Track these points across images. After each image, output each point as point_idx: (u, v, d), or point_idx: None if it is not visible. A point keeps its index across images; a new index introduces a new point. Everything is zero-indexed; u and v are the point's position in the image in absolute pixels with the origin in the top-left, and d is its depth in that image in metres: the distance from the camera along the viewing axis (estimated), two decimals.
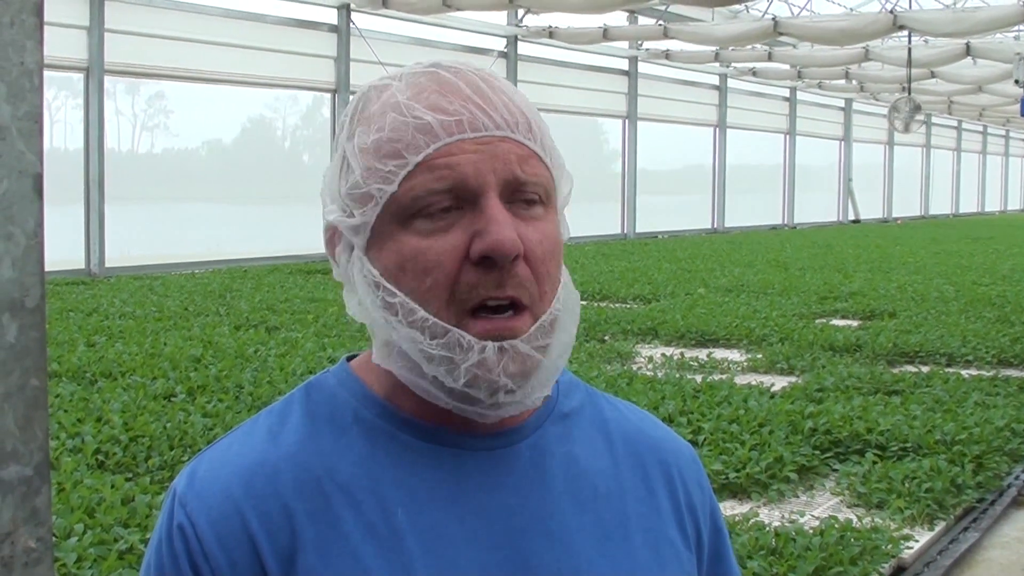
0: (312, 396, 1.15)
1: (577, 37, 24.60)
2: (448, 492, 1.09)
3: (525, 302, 1.05)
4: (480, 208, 1.03)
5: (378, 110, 1.07)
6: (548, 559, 1.09)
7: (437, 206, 1.04)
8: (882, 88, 33.80)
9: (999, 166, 58.50)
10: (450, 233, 1.03)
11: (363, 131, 1.07)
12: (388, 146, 1.05)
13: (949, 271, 17.90)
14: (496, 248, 1.02)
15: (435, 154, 1.03)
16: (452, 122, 1.04)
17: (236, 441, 1.12)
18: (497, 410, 1.07)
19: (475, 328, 1.03)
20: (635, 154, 29.59)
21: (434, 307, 1.04)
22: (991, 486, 6.05)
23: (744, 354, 10.22)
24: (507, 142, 1.05)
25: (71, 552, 4.26)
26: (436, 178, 1.03)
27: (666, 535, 1.17)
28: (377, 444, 1.10)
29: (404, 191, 1.04)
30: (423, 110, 1.05)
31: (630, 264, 19.13)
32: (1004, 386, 8.29)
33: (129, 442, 6.10)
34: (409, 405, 1.11)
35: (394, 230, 1.05)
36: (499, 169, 1.04)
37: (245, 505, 1.05)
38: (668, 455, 1.23)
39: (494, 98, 1.06)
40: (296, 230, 20.20)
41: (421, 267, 1.04)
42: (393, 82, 1.10)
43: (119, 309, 11.96)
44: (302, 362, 8.46)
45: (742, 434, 6.51)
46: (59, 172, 17.11)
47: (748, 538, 4.78)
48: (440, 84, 1.07)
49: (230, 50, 19.11)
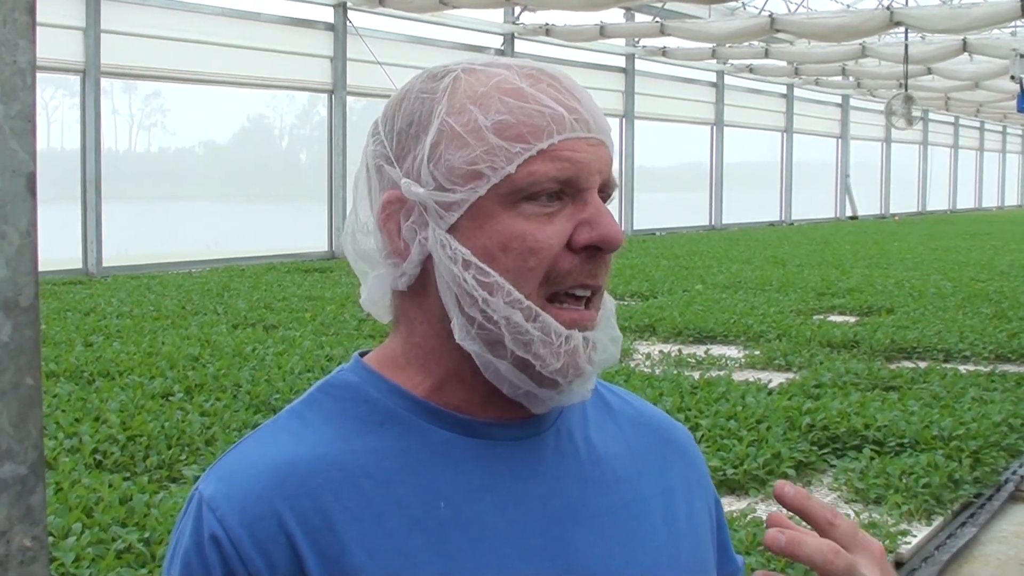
0: (334, 395, 1.14)
1: (574, 35, 24.59)
2: (486, 482, 1.10)
3: (600, 293, 1.12)
4: (585, 201, 1.09)
5: (491, 92, 1.08)
6: (583, 544, 1.11)
7: (547, 192, 1.07)
8: (879, 84, 33.79)
9: (996, 162, 58.50)
10: (556, 221, 1.07)
11: (477, 110, 1.08)
12: (515, 128, 1.07)
13: (946, 267, 17.91)
14: (608, 239, 1.08)
15: (559, 145, 1.07)
16: (574, 119, 1.08)
17: (260, 442, 1.10)
18: (564, 397, 1.11)
19: (562, 317, 1.08)
20: (632, 151, 29.59)
21: (527, 289, 1.07)
22: (988, 481, 6.06)
23: (742, 350, 10.23)
24: (604, 147, 1.11)
25: (69, 552, 4.26)
26: (558, 168, 1.07)
27: (682, 513, 1.21)
28: (410, 439, 1.10)
29: (522, 174, 1.06)
30: (550, 101, 1.08)
31: (628, 261, 19.12)
32: (1001, 381, 8.29)
33: (127, 441, 6.10)
34: (455, 397, 1.12)
35: (497, 211, 1.07)
36: (603, 170, 1.11)
37: (281, 506, 1.03)
38: (671, 434, 1.28)
39: (593, 105, 1.12)
40: (293, 229, 20.20)
41: (528, 248, 1.06)
42: (498, 69, 1.11)
43: (116, 308, 11.96)
44: (300, 360, 8.46)
45: (740, 430, 6.52)
46: (56, 172, 17.09)
47: (746, 534, 4.79)
48: (552, 79, 1.11)
49: (226, 50, 19.07)
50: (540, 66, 1.12)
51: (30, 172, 0.87)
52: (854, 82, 34.13)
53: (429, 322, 1.12)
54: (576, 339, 1.07)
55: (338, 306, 12.23)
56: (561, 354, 1.07)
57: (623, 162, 29.57)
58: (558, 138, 1.07)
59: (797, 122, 37.75)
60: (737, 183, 34.68)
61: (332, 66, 21.03)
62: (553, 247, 1.06)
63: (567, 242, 1.07)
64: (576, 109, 1.09)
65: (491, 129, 1.06)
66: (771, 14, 22.70)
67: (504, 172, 1.06)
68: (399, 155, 1.11)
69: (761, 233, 29.80)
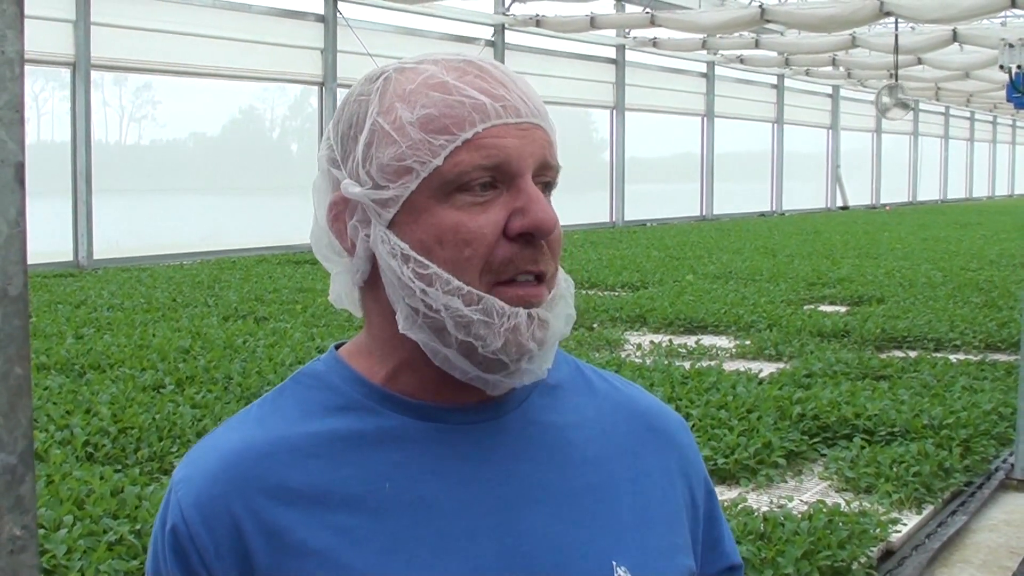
0: (303, 383, 1.19)
1: (564, 25, 24.56)
2: (436, 465, 1.12)
3: (549, 275, 1.12)
4: (518, 188, 1.09)
5: (418, 88, 1.11)
6: (537, 523, 1.12)
7: (478, 182, 1.08)
8: (869, 75, 33.78)
9: (986, 152, 58.59)
10: (490, 210, 1.08)
11: (404, 107, 1.10)
12: (438, 121, 1.09)
13: (937, 257, 17.95)
14: (540, 225, 1.08)
15: (484, 133, 1.08)
16: (500, 106, 1.10)
17: (229, 429, 1.16)
18: (514, 378, 1.12)
19: (506, 295, 1.09)
20: (623, 142, 29.57)
21: (468, 277, 1.08)
22: (979, 470, 6.09)
23: (732, 340, 10.24)
24: (539, 130, 1.12)
25: (60, 544, 4.26)
26: (484, 156, 1.08)
27: (655, 498, 1.21)
28: (365, 423, 1.14)
29: (450, 166, 1.08)
30: (473, 91, 1.09)
31: (619, 252, 19.13)
32: (991, 370, 8.32)
33: (118, 434, 6.10)
34: (409, 384, 1.15)
35: (431, 204, 1.09)
36: (536, 154, 1.11)
37: (229, 487, 1.09)
38: (658, 422, 1.28)
39: (526, 89, 1.13)
40: (284, 221, 20.15)
41: (461, 239, 1.08)
42: (426, 65, 1.13)
43: (107, 301, 11.93)
44: (291, 352, 8.45)
45: (730, 420, 6.53)
46: (46, 164, 17.01)
47: (737, 523, 4.80)
48: (480, 70, 1.12)
49: (216, 42, 19.00)
50: (470, 58, 1.14)
51: (19, 162, 0.88)
52: (844, 72, 34.12)
53: (383, 314, 1.16)
54: (520, 316, 1.09)
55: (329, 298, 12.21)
56: (501, 333, 1.08)
57: (614, 153, 29.56)
58: (482, 127, 1.08)
59: (788, 112, 37.75)
60: (728, 174, 34.68)
61: (323, 58, 20.98)
62: (487, 236, 1.08)
63: (504, 230, 1.08)
64: (503, 96, 1.10)
65: (416, 124, 1.09)
66: (761, 5, 22.70)
67: (432, 165, 1.08)
68: (343, 157, 1.15)
69: (752, 224, 29.82)
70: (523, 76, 1.17)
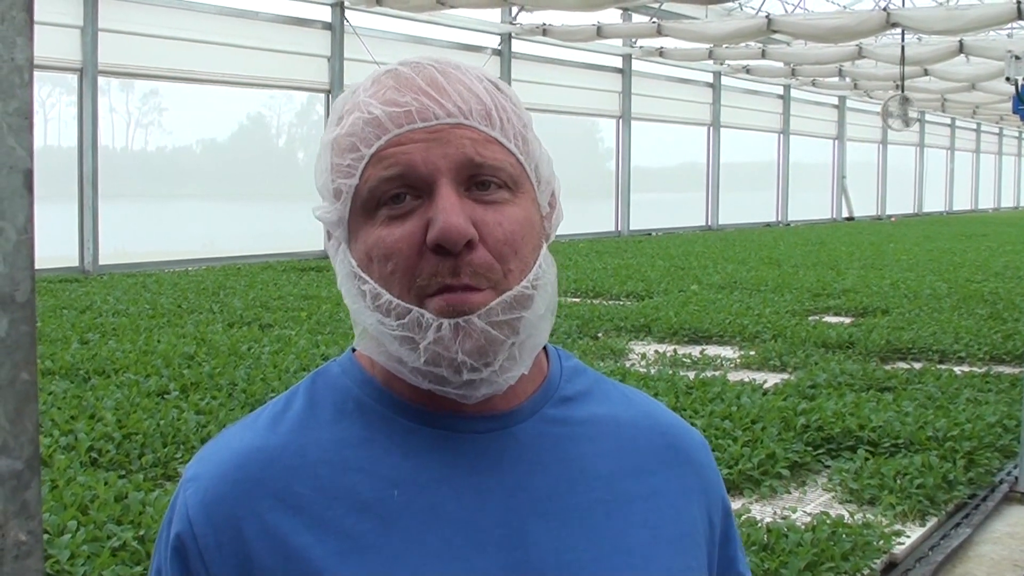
0: (316, 384, 1.18)
1: (571, 35, 24.59)
2: (444, 473, 1.11)
3: (483, 288, 1.06)
4: (433, 196, 1.06)
5: (347, 109, 1.12)
6: (545, 537, 1.11)
7: (391, 194, 1.07)
8: (875, 86, 33.81)
9: (992, 164, 58.54)
10: (407, 221, 1.06)
11: (335, 128, 1.12)
12: (346, 141, 1.10)
13: (942, 268, 17.93)
14: (443, 235, 1.03)
15: (385, 145, 1.07)
16: (401, 113, 1.07)
17: (241, 428, 1.16)
18: (471, 389, 1.09)
19: (431, 305, 1.06)
20: (629, 152, 29.58)
21: (396, 291, 1.07)
22: (982, 482, 6.07)
23: (737, 351, 10.23)
24: (461, 128, 1.07)
25: (64, 549, 4.27)
26: (385, 167, 1.07)
27: (669, 517, 1.19)
28: (375, 428, 1.13)
29: (362, 183, 1.08)
30: (377, 105, 1.08)
31: (624, 261, 19.13)
32: (996, 383, 8.30)
33: (122, 439, 6.10)
34: (402, 389, 1.14)
35: (362, 222, 1.10)
36: (451, 154, 1.06)
37: (236, 489, 1.09)
38: (678, 439, 1.25)
39: (448, 88, 1.09)
40: (290, 228, 20.18)
41: (383, 254, 1.07)
42: (376, 78, 1.13)
43: (112, 306, 11.95)
44: (295, 359, 8.45)
45: (734, 431, 6.53)
46: (53, 170, 17.08)
47: (740, 534, 4.78)
48: (397, 80, 1.10)
49: (223, 49, 19.06)
50: (397, 66, 1.12)
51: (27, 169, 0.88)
52: (851, 83, 34.14)
53: None
54: (444, 329, 1.05)
55: (334, 305, 12.23)
56: (422, 350, 1.06)
57: (620, 162, 29.57)
58: (384, 139, 1.07)
59: (794, 123, 37.76)
60: (734, 184, 34.69)
61: (329, 66, 21.02)
62: (403, 249, 1.06)
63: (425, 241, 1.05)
64: (408, 103, 1.07)
65: (333, 146, 1.11)
66: (768, 15, 22.71)
67: (352, 184, 1.09)
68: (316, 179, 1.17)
69: (757, 234, 29.80)
70: (476, 71, 1.12)
